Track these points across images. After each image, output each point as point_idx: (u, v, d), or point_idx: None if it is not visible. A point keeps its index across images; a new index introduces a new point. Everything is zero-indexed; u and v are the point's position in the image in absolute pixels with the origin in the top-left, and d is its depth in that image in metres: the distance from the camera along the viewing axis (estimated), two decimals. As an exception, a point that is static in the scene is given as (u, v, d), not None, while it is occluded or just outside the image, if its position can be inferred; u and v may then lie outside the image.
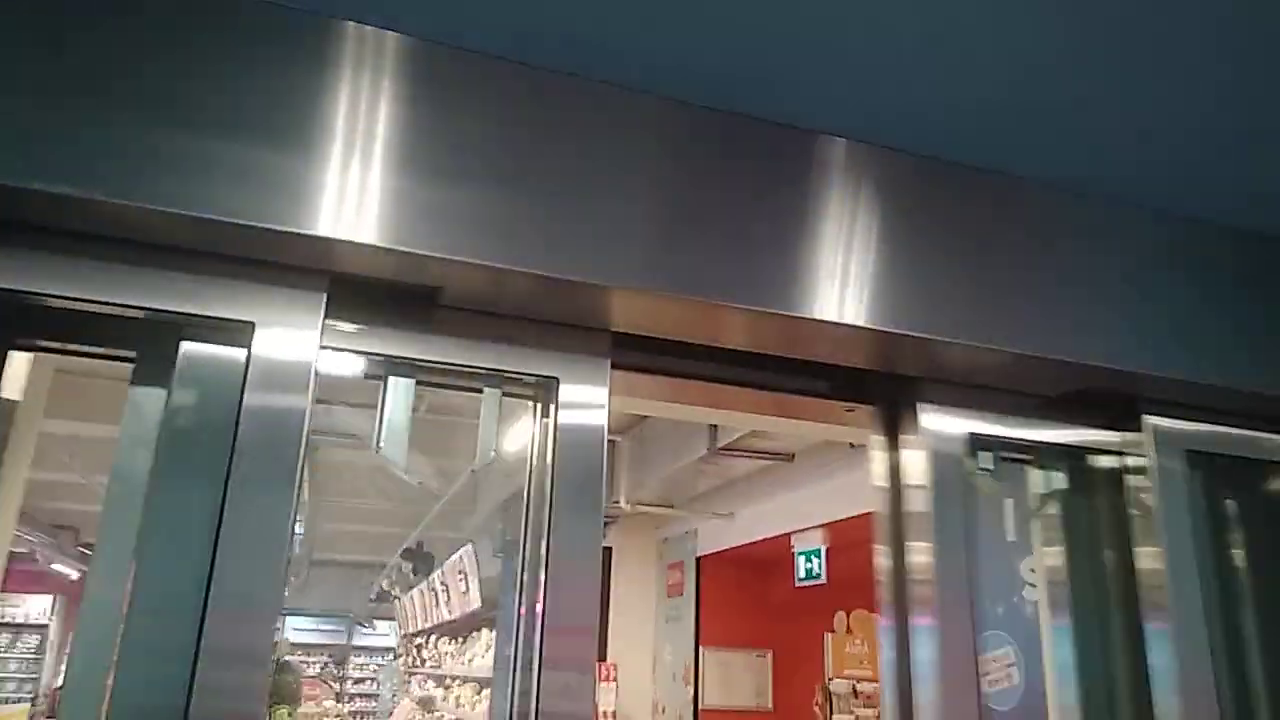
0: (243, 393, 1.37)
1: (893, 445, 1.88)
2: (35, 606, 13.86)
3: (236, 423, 1.36)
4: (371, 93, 1.47)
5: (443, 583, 8.76)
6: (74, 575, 13.32)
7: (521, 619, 1.58)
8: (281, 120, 1.39)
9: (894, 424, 1.88)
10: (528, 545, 1.62)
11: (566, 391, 1.61)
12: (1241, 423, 2.00)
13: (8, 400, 1.42)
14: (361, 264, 1.45)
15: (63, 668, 13.59)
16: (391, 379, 1.59)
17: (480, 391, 1.65)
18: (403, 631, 13.60)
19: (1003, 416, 1.90)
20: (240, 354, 1.41)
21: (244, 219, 1.33)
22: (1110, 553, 1.91)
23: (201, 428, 1.39)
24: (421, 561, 9.76)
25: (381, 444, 1.59)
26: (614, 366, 1.67)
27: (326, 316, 1.46)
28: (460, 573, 7.92)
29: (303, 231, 1.36)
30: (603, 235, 1.54)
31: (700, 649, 7.40)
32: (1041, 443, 1.94)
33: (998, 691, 3.48)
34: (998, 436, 1.89)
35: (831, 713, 6.25)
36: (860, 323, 1.64)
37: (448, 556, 8.50)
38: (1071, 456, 1.98)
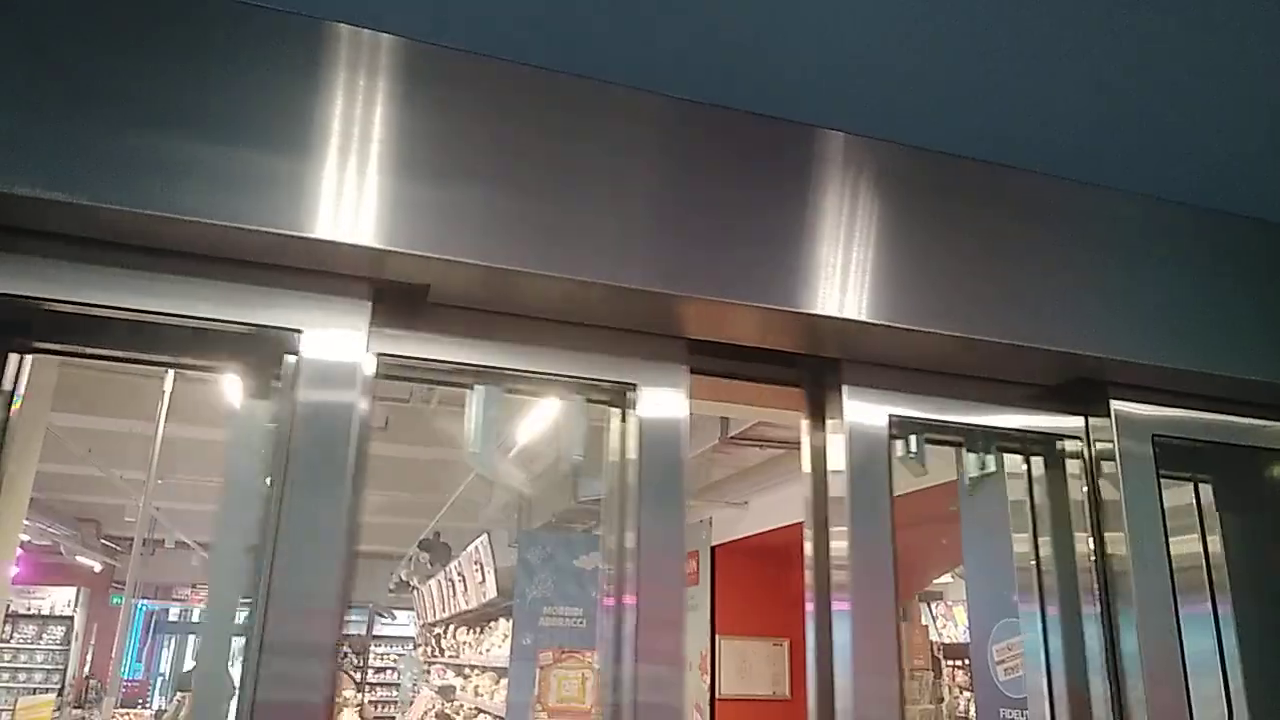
0: (295, 399, 1.41)
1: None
2: (60, 598, 14.06)
3: (290, 427, 1.39)
4: (375, 98, 1.48)
5: (460, 573, 8.82)
6: (97, 567, 13.52)
7: (610, 611, 1.66)
8: (298, 128, 1.40)
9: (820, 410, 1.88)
10: (611, 540, 1.69)
11: (645, 396, 1.66)
12: (1216, 407, 1.99)
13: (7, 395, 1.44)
14: (406, 272, 1.48)
15: (88, 658, 13.80)
16: (478, 387, 1.63)
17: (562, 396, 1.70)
18: (422, 621, 13.70)
19: (988, 406, 1.90)
20: (337, 359, 1.45)
21: (272, 227, 1.35)
22: (1078, 537, 1.90)
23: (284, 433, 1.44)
24: (439, 552, 9.83)
25: (474, 450, 1.63)
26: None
27: (386, 325, 1.51)
28: (476, 563, 7.96)
29: (345, 241, 1.39)
30: (607, 235, 1.55)
31: (716, 638, 7.41)
32: (1020, 430, 1.94)
33: (1013, 679, 3.48)
34: (981, 426, 1.90)
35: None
36: (861, 317, 1.65)
37: (464, 547, 8.55)
38: (1045, 442, 1.98)
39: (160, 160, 1.32)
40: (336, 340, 1.46)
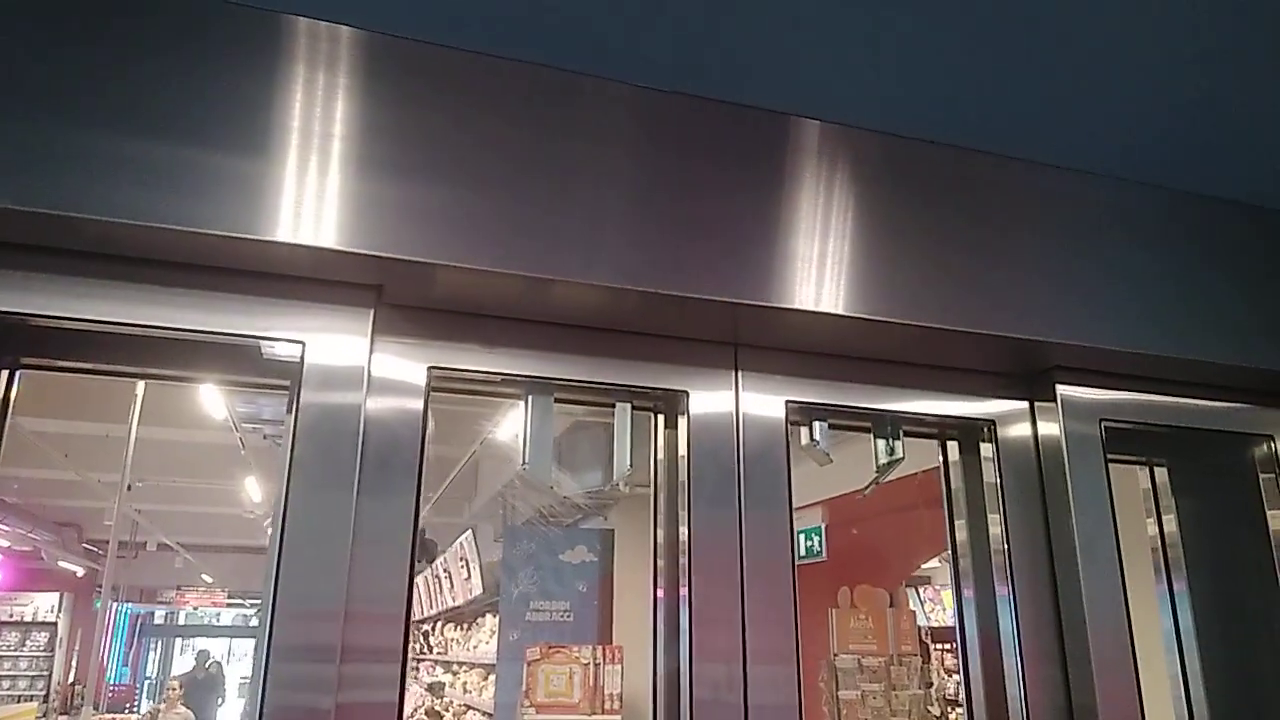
0: (297, 406, 1.41)
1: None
2: (43, 604, 13.92)
3: (294, 434, 1.40)
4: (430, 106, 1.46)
5: (445, 570, 8.77)
6: (80, 572, 13.38)
7: (660, 603, 1.71)
8: (278, 131, 1.38)
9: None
10: (658, 537, 1.75)
11: (696, 401, 1.69)
12: (1168, 390, 1.98)
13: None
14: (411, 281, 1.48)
15: (73, 663, 13.67)
16: (532, 397, 1.65)
17: (611, 406, 1.73)
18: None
19: (933, 393, 1.90)
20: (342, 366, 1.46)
21: (269, 236, 1.34)
22: (1032, 522, 1.89)
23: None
24: (424, 549, 9.78)
25: (527, 461, 1.64)
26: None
27: (430, 338, 1.55)
28: (462, 559, 7.92)
29: (353, 250, 1.38)
30: (575, 231, 1.53)
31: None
32: (965, 417, 1.93)
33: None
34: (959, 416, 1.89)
35: (837, 688, 6.25)
36: (840, 310, 1.63)
37: (450, 544, 8.50)
38: (990, 428, 1.96)
39: (99, 161, 1.28)
40: (339, 349, 1.46)
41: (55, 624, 13.88)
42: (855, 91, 1.70)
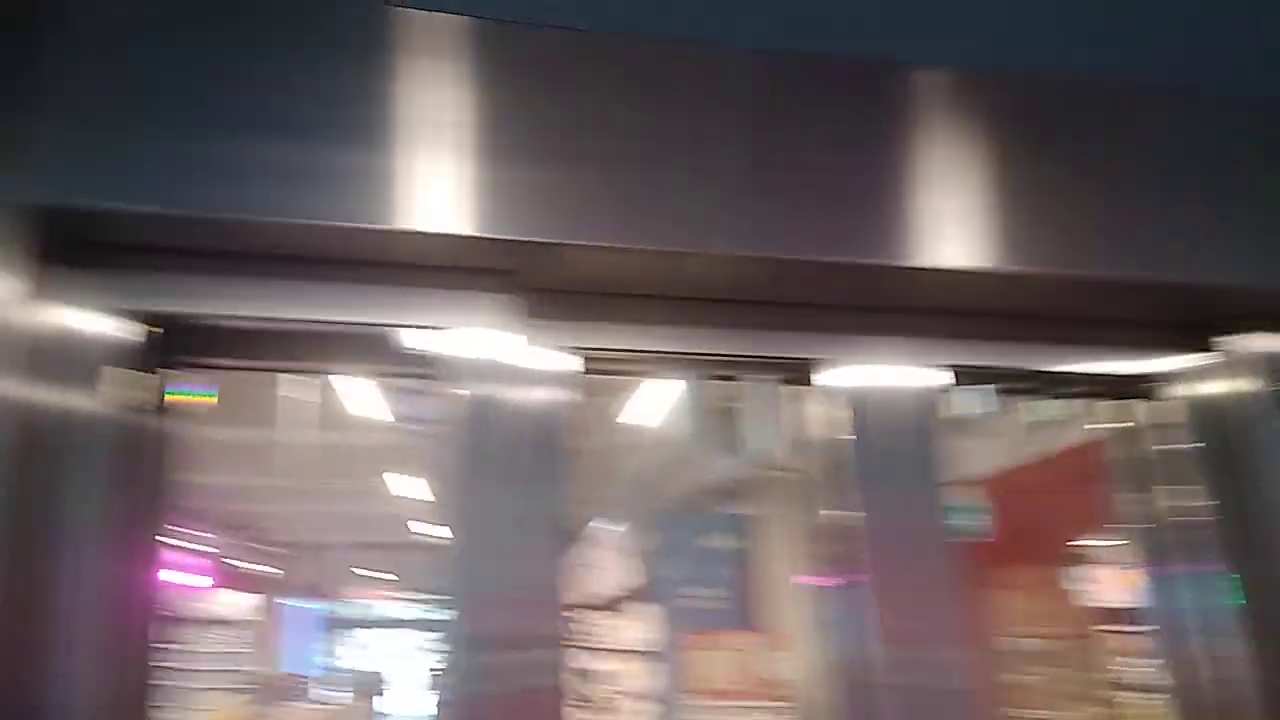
0: (444, 398, 1.46)
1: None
2: (234, 602, 15.02)
3: (444, 427, 1.45)
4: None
5: (592, 558, 8.93)
6: (271, 572, 14.40)
7: (823, 589, 1.66)
8: (404, 123, 1.41)
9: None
10: (813, 520, 1.66)
11: (840, 373, 1.65)
12: None
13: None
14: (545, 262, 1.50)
15: (265, 658, 14.68)
16: (677, 375, 1.66)
17: (754, 380, 1.72)
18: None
19: (1093, 350, 1.77)
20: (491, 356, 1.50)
21: (406, 226, 1.37)
22: (1214, 490, 1.72)
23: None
24: (567, 536, 9.96)
25: (674, 440, 1.64)
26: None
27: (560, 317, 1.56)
28: (609, 547, 8.04)
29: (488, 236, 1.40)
30: (696, 202, 1.50)
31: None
32: (1128, 375, 1.79)
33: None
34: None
35: (1006, 672, 6.01)
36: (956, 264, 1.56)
37: (596, 530, 8.65)
38: (1157, 386, 1.82)
39: (236, 163, 1.34)
40: (480, 337, 1.48)
41: (244, 622, 14.97)
42: (975, 33, 1.61)
